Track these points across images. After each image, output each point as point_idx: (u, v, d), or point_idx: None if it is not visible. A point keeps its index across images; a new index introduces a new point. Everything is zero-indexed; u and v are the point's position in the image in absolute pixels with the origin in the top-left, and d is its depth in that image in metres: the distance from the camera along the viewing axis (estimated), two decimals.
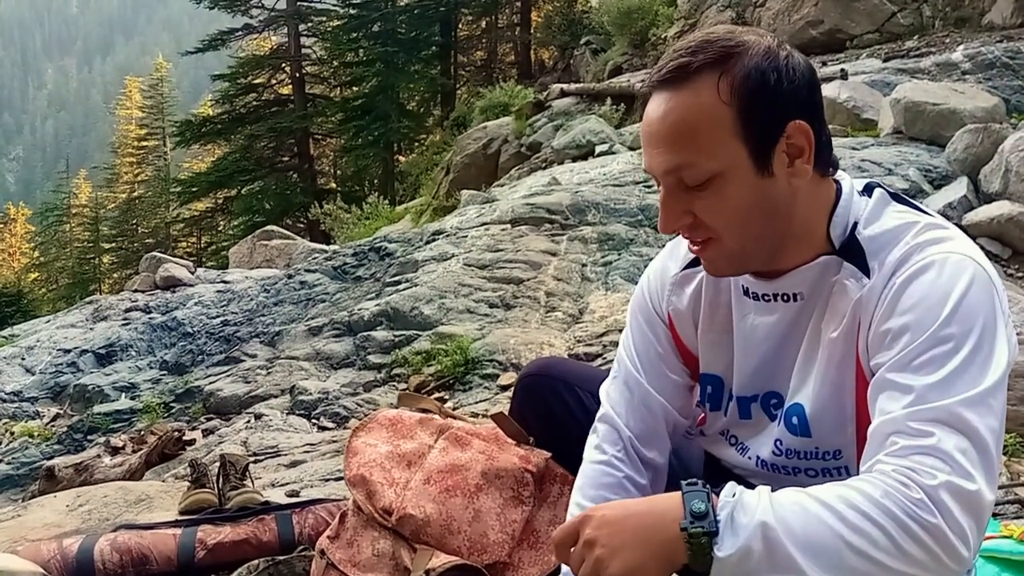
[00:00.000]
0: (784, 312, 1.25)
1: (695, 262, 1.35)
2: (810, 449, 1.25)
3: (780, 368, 1.27)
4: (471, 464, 1.60)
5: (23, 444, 6.97)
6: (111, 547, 2.51)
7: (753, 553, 0.96)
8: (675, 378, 1.42)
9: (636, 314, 1.46)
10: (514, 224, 6.37)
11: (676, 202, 1.19)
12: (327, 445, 4.53)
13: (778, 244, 1.20)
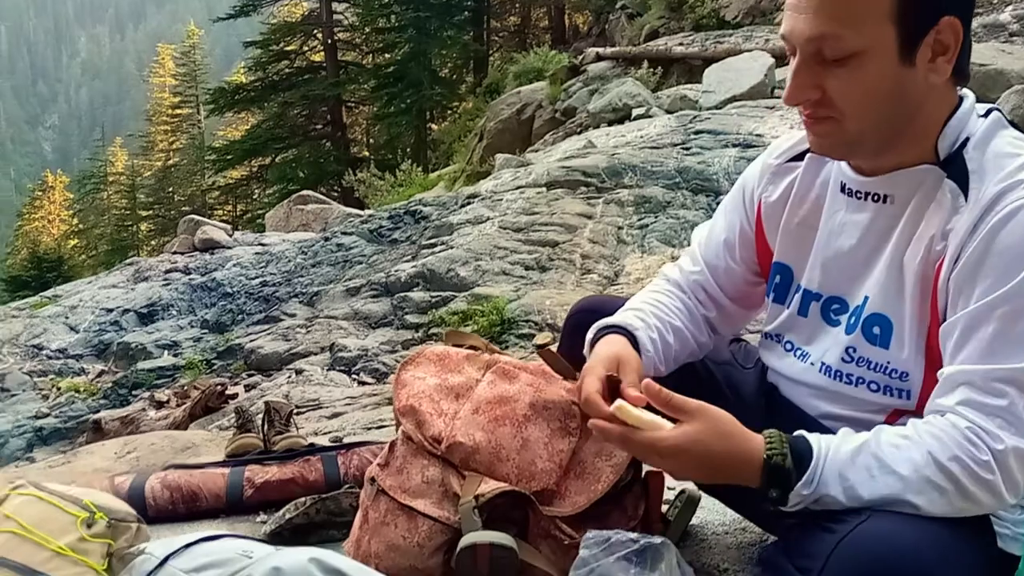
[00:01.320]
0: (875, 214, 1.23)
1: (796, 158, 1.36)
2: (882, 362, 1.23)
3: (856, 272, 1.26)
4: (519, 396, 1.63)
5: (69, 399, 7.19)
6: (161, 484, 2.60)
7: (824, 500, 1.06)
8: (736, 267, 1.46)
9: (726, 203, 1.51)
10: (549, 187, 6.38)
11: (808, 74, 1.14)
12: (367, 398, 4.64)
13: (892, 139, 1.17)
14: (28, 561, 1.74)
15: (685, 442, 1.12)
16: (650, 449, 1.16)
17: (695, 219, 5.53)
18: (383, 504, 1.64)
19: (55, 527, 1.80)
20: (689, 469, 1.17)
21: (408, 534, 1.59)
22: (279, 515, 2.42)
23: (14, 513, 1.80)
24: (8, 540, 1.75)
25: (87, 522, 1.84)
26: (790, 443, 1.10)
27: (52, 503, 1.84)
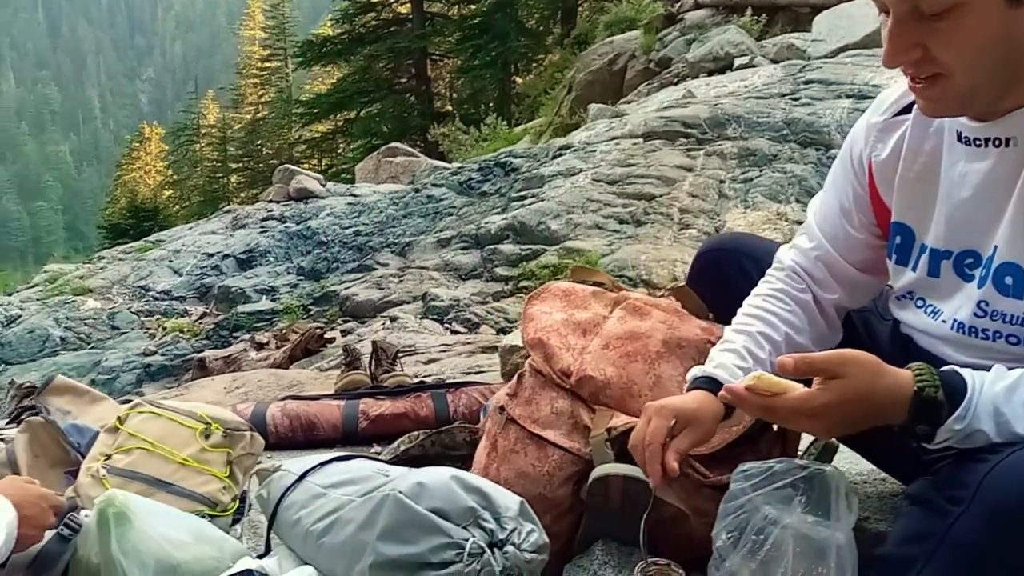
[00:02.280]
0: (998, 159, 1.17)
1: (904, 111, 1.30)
2: (1018, 314, 1.18)
3: (985, 223, 1.21)
4: (652, 332, 1.63)
5: (174, 338, 7.53)
6: (281, 412, 2.71)
7: (975, 436, 1.05)
8: (855, 234, 1.41)
9: (835, 170, 1.45)
10: (646, 138, 6.28)
11: (907, 33, 1.09)
12: (462, 346, 4.70)
13: (1008, 85, 1.11)
14: (157, 474, 1.84)
15: (836, 397, 1.10)
16: (798, 412, 1.13)
17: (803, 174, 5.35)
18: (512, 433, 1.67)
19: (177, 440, 1.91)
20: (839, 424, 1.15)
21: (538, 463, 1.62)
22: (394, 446, 2.49)
23: (137, 431, 1.90)
24: (139, 456, 1.85)
25: (205, 433, 1.94)
26: (941, 376, 1.08)
27: (170, 418, 1.95)
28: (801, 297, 1.44)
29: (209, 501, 1.82)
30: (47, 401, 2.08)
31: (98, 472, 1.73)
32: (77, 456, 1.88)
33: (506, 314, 5.17)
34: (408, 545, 1.36)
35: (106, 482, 1.71)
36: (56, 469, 1.85)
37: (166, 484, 1.80)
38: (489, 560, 1.35)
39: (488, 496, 1.42)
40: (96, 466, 1.75)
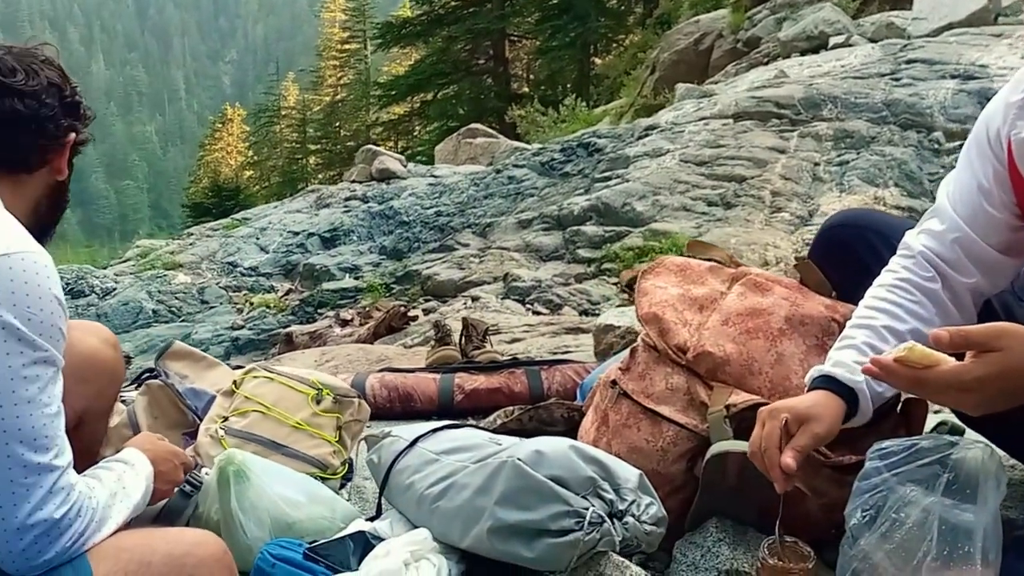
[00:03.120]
0: None
1: None
2: None
3: None
4: (774, 309, 1.60)
5: (261, 313, 7.73)
6: (380, 383, 2.76)
7: None
8: (995, 213, 1.34)
9: (969, 149, 1.37)
10: (737, 119, 6.13)
11: None
12: (545, 327, 4.69)
13: None
14: (272, 436, 1.90)
15: (993, 370, 1.06)
16: (950, 385, 1.09)
17: (903, 157, 5.15)
18: (625, 407, 1.66)
19: (290, 404, 1.96)
20: (992, 399, 1.10)
21: (651, 438, 1.60)
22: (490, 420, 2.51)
23: (252, 394, 1.96)
24: (254, 418, 1.91)
25: (316, 398, 1.99)
26: None
27: (283, 383, 2.00)
28: (929, 287, 1.36)
29: (320, 464, 1.86)
30: (166, 365, 2.15)
31: (216, 433, 1.79)
32: (194, 418, 1.94)
33: (589, 296, 5.14)
34: (527, 511, 1.37)
35: (224, 442, 1.77)
36: (174, 431, 1.92)
37: (280, 446, 1.85)
38: (609, 530, 1.35)
39: (607, 467, 1.41)
40: (215, 427, 1.80)
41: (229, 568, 1.27)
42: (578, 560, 1.35)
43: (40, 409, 1.09)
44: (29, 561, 1.09)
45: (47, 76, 1.29)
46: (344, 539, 1.59)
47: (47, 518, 1.09)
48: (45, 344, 1.11)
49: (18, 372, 1.07)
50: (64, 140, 1.32)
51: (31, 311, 1.09)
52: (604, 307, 4.86)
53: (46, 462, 1.10)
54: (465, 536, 1.47)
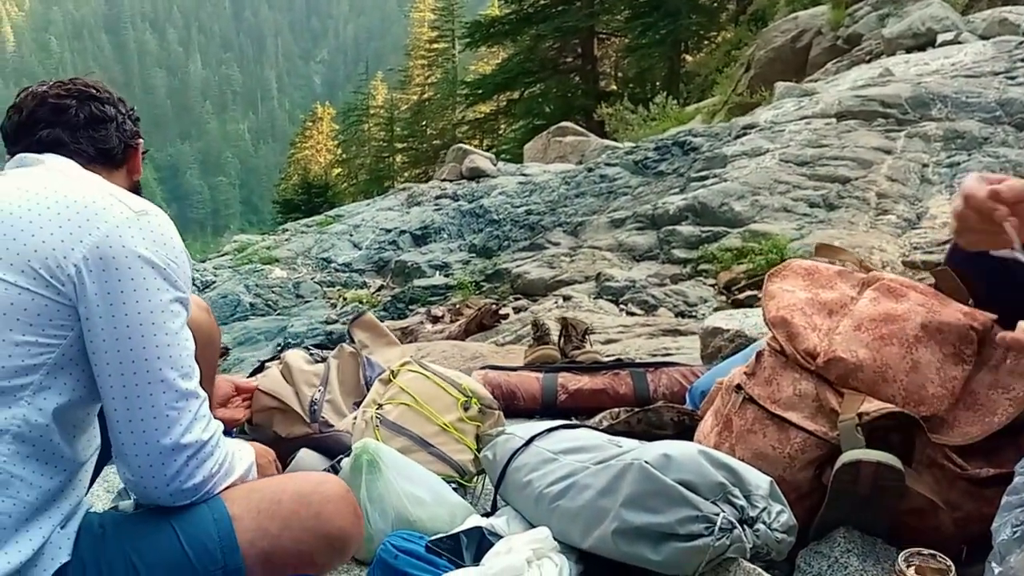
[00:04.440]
0: None
1: None
2: None
3: None
4: (909, 315, 1.54)
5: (355, 308, 7.88)
6: (483, 380, 2.77)
7: None
8: None
9: None
10: (840, 118, 5.95)
11: None
12: (641, 328, 4.64)
13: None
14: (422, 432, 1.94)
15: None
16: None
17: (1018, 158, 4.92)
18: (750, 412, 1.62)
19: (440, 405, 2.00)
20: None
21: (778, 444, 1.56)
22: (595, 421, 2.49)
23: (407, 386, 2.01)
24: (405, 412, 1.95)
25: (464, 405, 2.02)
26: None
27: (436, 382, 2.04)
28: None
29: (461, 469, 1.90)
30: (354, 331, 2.24)
31: (372, 419, 1.84)
32: (364, 390, 2.01)
33: (685, 297, 5.06)
34: (654, 514, 1.36)
35: (378, 432, 1.81)
36: (348, 397, 2.00)
37: (428, 444, 1.90)
38: (740, 536, 1.32)
39: (737, 473, 1.39)
40: (371, 412, 1.86)
41: (352, 505, 1.33)
42: (706, 565, 1.33)
43: (184, 340, 1.20)
44: (181, 484, 1.17)
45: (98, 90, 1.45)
46: (458, 534, 1.61)
47: (197, 439, 1.17)
48: (183, 287, 1.22)
49: (167, 305, 1.18)
50: (136, 141, 1.48)
51: (170, 258, 1.20)
52: (701, 309, 4.78)
53: (192, 388, 1.18)
54: (587, 536, 1.47)
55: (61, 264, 1.12)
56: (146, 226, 1.20)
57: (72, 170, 1.29)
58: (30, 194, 1.18)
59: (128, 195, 1.25)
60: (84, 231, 1.15)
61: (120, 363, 1.13)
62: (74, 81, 1.46)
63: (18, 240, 1.13)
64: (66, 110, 1.38)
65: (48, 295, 1.12)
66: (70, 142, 1.37)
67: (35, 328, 1.11)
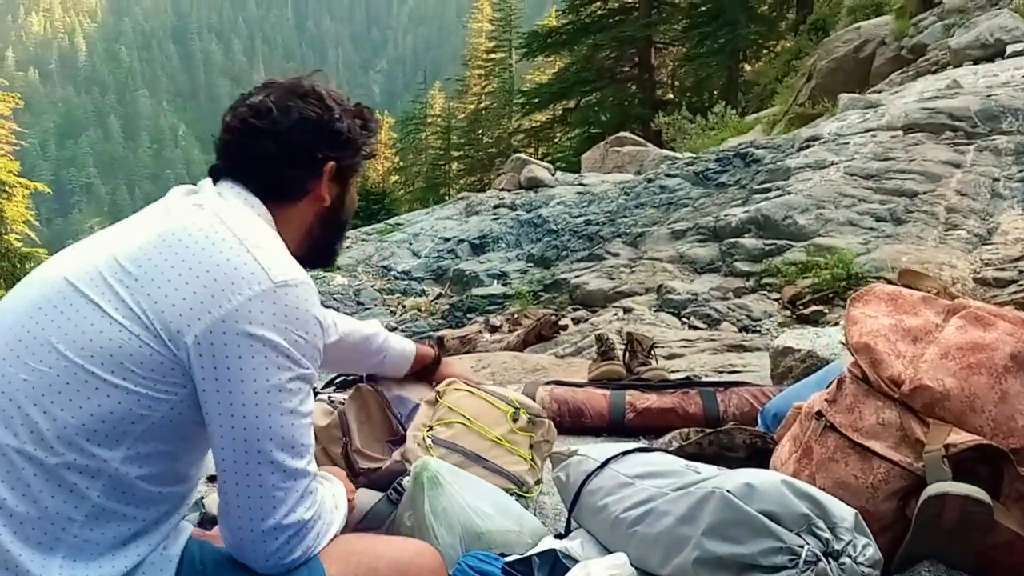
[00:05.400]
0: None
1: None
2: None
3: None
4: (997, 344, 1.50)
5: (413, 316, 7.97)
6: (550, 397, 2.77)
7: None
8: None
9: None
10: (907, 131, 5.82)
11: None
12: (704, 342, 4.59)
13: None
14: (475, 448, 1.94)
15: None
16: None
17: None
18: (831, 440, 1.60)
19: (490, 419, 2.00)
20: None
21: (861, 474, 1.54)
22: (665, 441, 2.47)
23: (456, 405, 2.01)
24: (458, 430, 1.96)
25: (513, 416, 2.02)
26: None
27: (483, 398, 2.04)
28: None
29: (518, 480, 1.89)
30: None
31: (424, 440, 1.85)
32: (398, 426, 2.01)
33: (749, 311, 4.99)
34: (736, 545, 1.34)
35: (431, 450, 1.83)
36: (379, 437, 1.99)
37: (482, 459, 1.90)
38: (825, 570, 1.30)
39: (822, 504, 1.37)
40: (421, 435, 1.87)
41: None
42: None
43: (300, 419, 1.18)
44: (280, 560, 1.17)
45: (302, 111, 1.36)
46: (531, 556, 1.61)
47: (298, 520, 1.17)
48: (307, 363, 1.20)
49: (284, 384, 1.16)
50: (322, 169, 1.38)
51: (299, 334, 1.18)
52: (765, 323, 4.72)
53: (302, 467, 1.18)
54: (666, 564, 1.46)
55: (182, 330, 1.13)
56: (280, 300, 1.17)
57: (231, 213, 1.26)
58: (178, 245, 1.18)
59: (276, 257, 1.22)
60: (215, 302, 1.14)
61: (232, 439, 1.14)
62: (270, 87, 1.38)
63: (152, 295, 1.14)
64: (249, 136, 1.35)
65: (165, 355, 1.13)
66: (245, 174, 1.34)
67: (148, 381, 1.13)
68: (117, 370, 1.12)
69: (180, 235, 1.19)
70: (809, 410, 1.69)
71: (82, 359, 1.12)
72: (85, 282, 1.16)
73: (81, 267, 1.18)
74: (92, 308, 1.14)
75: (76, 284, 1.16)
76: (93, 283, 1.16)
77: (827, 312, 4.73)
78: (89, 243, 1.27)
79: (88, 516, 1.10)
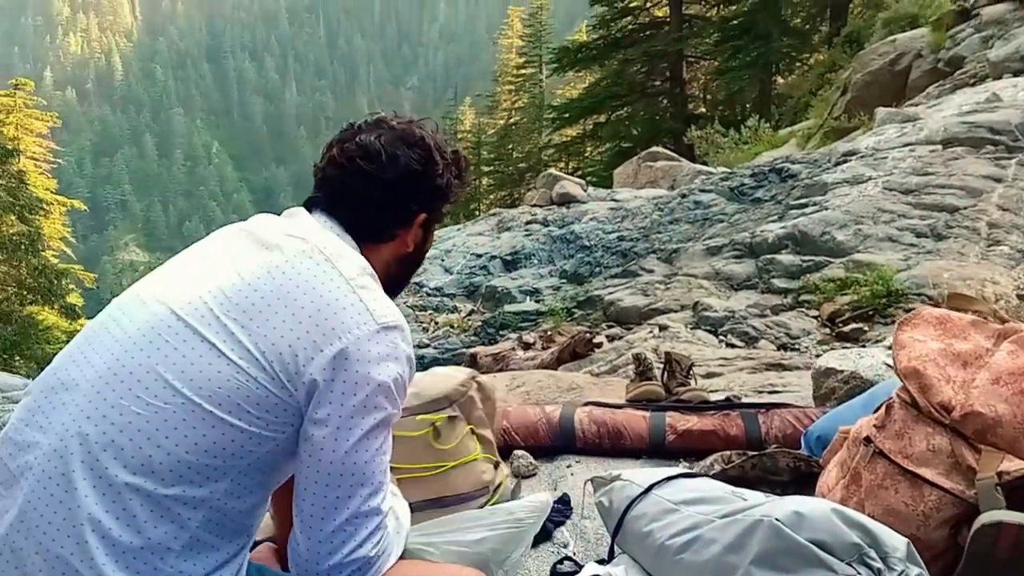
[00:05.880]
0: None
1: None
2: None
3: None
4: None
5: (445, 333, 7.97)
6: (589, 418, 2.77)
7: None
8: None
9: None
10: (946, 145, 5.74)
11: None
12: (743, 361, 4.54)
13: None
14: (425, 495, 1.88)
15: None
16: None
17: None
18: (881, 467, 1.58)
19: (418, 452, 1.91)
20: None
21: (911, 501, 1.52)
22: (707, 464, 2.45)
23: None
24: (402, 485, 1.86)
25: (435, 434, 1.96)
26: None
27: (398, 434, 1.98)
28: None
29: (483, 491, 1.86)
30: None
31: None
32: None
33: (787, 329, 4.94)
34: (785, 574, 1.33)
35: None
36: None
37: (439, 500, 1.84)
38: None
39: (873, 533, 1.35)
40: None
41: None
42: None
43: (383, 456, 1.22)
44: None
45: (408, 162, 1.39)
46: None
47: (364, 556, 1.19)
48: (400, 403, 1.24)
49: (379, 422, 1.21)
50: (413, 220, 1.42)
51: (399, 372, 1.22)
52: (804, 341, 4.66)
53: (375, 505, 1.21)
54: None
55: (300, 371, 1.16)
56: (384, 341, 1.21)
57: (335, 250, 1.29)
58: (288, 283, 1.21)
59: (379, 299, 1.26)
60: (327, 340, 1.18)
61: (317, 471, 1.17)
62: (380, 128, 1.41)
63: (269, 337, 1.17)
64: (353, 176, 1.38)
65: (282, 396, 1.16)
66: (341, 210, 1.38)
67: (261, 421, 1.16)
68: (234, 410, 1.15)
69: (289, 273, 1.22)
70: (857, 435, 1.67)
71: (199, 397, 1.14)
72: (196, 317, 1.19)
73: (187, 299, 1.21)
74: (208, 347, 1.16)
75: (186, 319, 1.19)
76: (204, 320, 1.18)
77: (867, 329, 4.66)
78: (181, 269, 1.29)
79: (184, 546, 1.13)
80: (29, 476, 1.12)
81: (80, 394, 1.15)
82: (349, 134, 1.42)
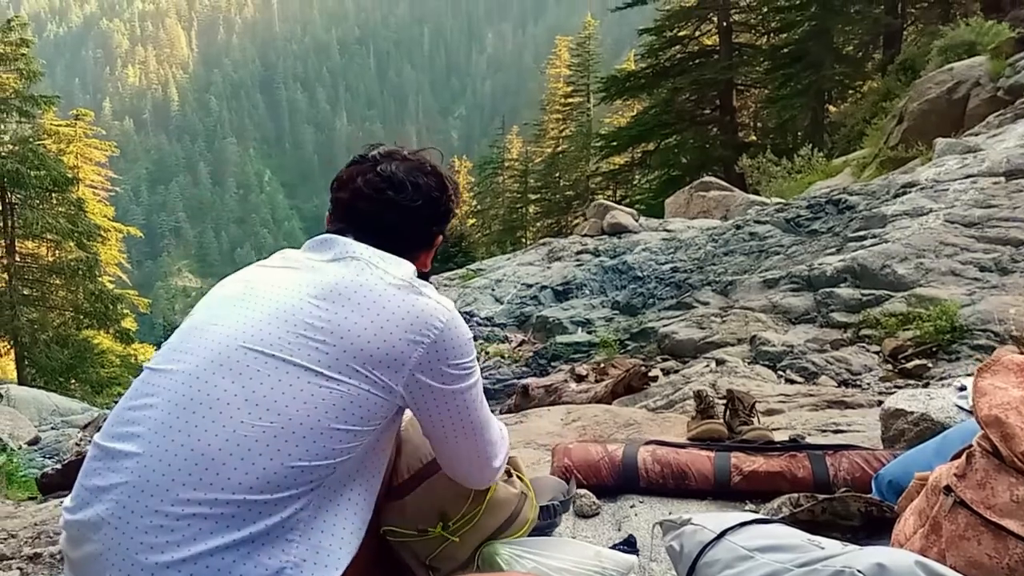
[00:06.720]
0: None
1: None
2: None
3: None
4: None
5: (496, 363, 7.98)
6: (652, 458, 2.74)
7: None
8: None
9: None
10: (1009, 177, 5.63)
11: None
12: (803, 398, 4.47)
13: None
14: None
15: None
16: None
17: None
18: (962, 518, 1.56)
19: None
20: None
21: (995, 554, 1.49)
22: (774, 507, 2.42)
23: None
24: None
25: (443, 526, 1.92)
26: None
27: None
28: None
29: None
30: None
31: None
32: None
33: (848, 365, 4.86)
34: None
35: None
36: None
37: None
38: None
39: None
40: None
41: None
42: None
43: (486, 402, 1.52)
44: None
45: (427, 189, 1.53)
46: None
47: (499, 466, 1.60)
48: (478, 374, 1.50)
49: (478, 385, 1.48)
50: (433, 243, 1.59)
51: (470, 348, 1.43)
52: (866, 378, 4.58)
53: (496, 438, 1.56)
54: None
55: (400, 371, 1.32)
56: (457, 326, 1.39)
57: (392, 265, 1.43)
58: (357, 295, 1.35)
59: (437, 295, 1.42)
60: (421, 335, 1.34)
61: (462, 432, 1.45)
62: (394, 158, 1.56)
63: (365, 350, 1.31)
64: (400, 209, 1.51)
65: (381, 395, 1.31)
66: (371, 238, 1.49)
67: (357, 418, 1.30)
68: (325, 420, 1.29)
69: (354, 287, 1.36)
70: (936, 483, 1.65)
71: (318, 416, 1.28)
72: (280, 347, 1.30)
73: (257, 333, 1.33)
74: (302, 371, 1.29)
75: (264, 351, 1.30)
76: (291, 347, 1.30)
77: (931, 366, 4.56)
78: (237, 302, 1.40)
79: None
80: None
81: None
82: (367, 167, 1.53)
